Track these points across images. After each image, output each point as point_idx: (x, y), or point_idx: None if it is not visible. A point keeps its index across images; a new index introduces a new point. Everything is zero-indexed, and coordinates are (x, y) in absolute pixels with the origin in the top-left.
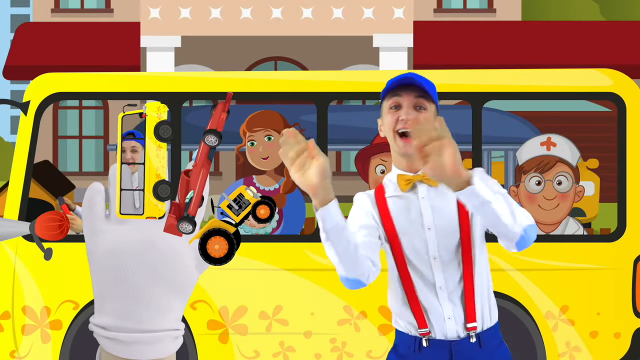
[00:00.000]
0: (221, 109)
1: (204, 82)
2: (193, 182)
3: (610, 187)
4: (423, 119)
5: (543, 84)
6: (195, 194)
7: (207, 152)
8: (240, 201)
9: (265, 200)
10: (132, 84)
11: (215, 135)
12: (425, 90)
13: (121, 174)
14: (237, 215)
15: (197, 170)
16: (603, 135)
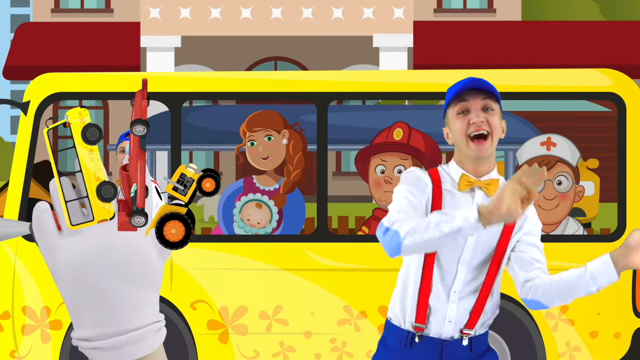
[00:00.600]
0: (140, 97)
1: (204, 82)
2: (133, 175)
3: (610, 187)
4: (493, 122)
5: (543, 84)
6: (138, 186)
7: (138, 143)
8: (184, 180)
9: (207, 173)
10: (132, 84)
11: (142, 124)
12: (490, 91)
13: (62, 187)
14: (185, 195)
15: (134, 163)
16: (603, 135)
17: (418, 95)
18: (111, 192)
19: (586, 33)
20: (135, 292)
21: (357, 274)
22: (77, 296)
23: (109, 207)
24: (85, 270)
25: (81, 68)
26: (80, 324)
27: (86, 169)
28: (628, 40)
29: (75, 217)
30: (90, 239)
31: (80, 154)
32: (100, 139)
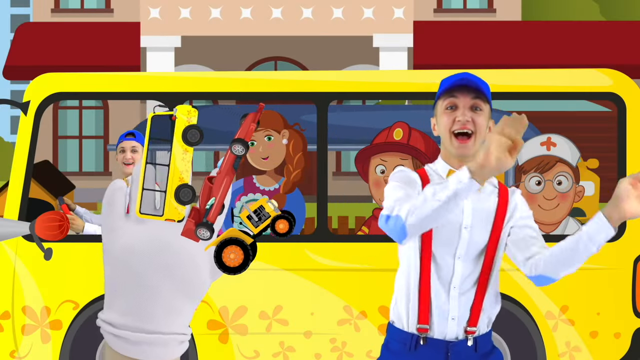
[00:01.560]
0: (251, 119)
1: (204, 82)
2: (216, 189)
3: (610, 187)
4: (479, 122)
5: (542, 84)
6: (216, 201)
7: (232, 161)
8: (261, 213)
9: (285, 214)
10: (132, 84)
11: (242, 144)
12: (481, 90)
13: (145, 174)
14: (256, 227)
15: (220, 178)
16: (603, 135)
17: (418, 95)
18: (189, 196)
19: (586, 33)
20: (173, 298)
21: (357, 274)
22: (120, 280)
23: (181, 209)
24: (137, 259)
25: (81, 68)
26: (111, 307)
27: (174, 166)
28: (628, 40)
29: (146, 207)
30: (152, 232)
31: (174, 150)
32: (199, 142)
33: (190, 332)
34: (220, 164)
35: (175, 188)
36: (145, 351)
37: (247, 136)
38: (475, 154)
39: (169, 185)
